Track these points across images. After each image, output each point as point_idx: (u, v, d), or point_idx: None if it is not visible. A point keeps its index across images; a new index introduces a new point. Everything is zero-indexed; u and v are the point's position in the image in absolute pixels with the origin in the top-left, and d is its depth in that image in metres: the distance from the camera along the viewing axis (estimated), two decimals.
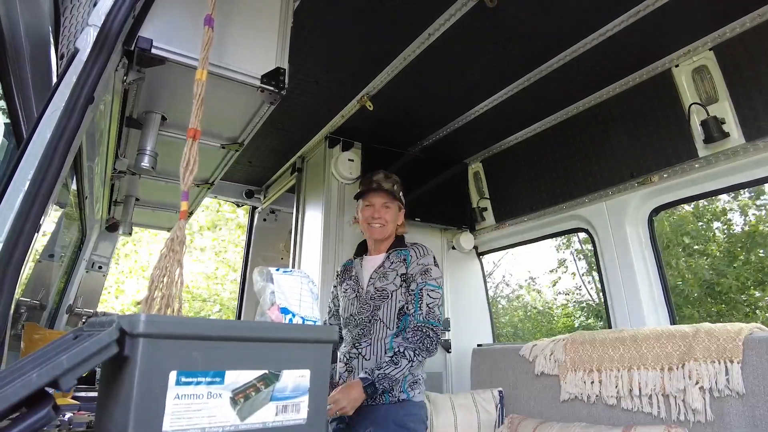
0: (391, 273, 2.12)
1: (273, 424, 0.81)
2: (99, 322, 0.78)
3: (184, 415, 0.71)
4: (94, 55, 1.26)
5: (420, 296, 2.03)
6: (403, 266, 2.12)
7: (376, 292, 2.11)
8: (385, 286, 2.10)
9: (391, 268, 2.14)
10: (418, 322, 1.99)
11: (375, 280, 2.14)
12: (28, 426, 0.56)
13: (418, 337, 1.95)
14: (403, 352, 1.92)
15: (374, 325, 2.07)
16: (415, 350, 1.93)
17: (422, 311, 2.00)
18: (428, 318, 1.99)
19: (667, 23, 2.09)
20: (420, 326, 1.97)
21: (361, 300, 2.14)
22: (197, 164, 1.20)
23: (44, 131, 1.15)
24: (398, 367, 1.90)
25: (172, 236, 1.10)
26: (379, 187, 2.19)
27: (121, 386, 0.70)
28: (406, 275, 2.10)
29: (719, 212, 8.88)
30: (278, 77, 1.70)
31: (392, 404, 1.96)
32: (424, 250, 2.17)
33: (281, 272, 1.02)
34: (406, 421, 1.94)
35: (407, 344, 1.94)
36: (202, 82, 1.29)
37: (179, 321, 0.74)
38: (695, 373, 1.84)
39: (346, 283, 2.26)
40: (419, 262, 2.11)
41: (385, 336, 2.05)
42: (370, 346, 2.05)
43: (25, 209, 1.05)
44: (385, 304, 2.08)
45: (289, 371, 0.84)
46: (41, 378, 0.59)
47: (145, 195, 2.97)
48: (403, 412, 1.95)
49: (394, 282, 2.10)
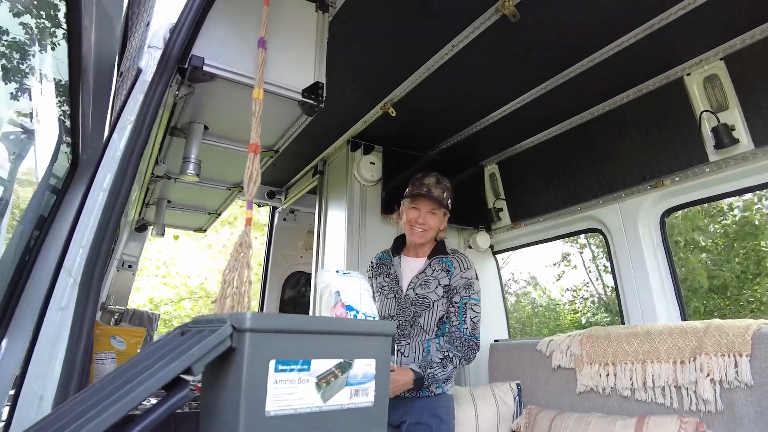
0: (432, 281, 2.18)
1: (348, 406, 0.94)
2: (204, 320, 0.91)
3: (281, 398, 0.85)
4: (158, 76, 1.39)
5: (464, 310, 2.13)
6: (446, 277, 2.18)
7: (417, 299, 2.17)
8: (427, 294, 2.17)
9: (432, 276, 2.19)
10: (464, 336, 2.10)
11: (415, 285, 2.20)
12: (176, 401, 0.69)
13: (464, 349, 2.08)
14: (452, 358, 2.05)
15: (414, 329, 2.16)
16: (461, 359, 2.07)
17: (467, 326, 2.11)
18: (473, 333, 2.12)
19: (680, 34, 2.20)
20: (466, 340, 2.09)
21: (400, 303, 2.21)
22: (260, 176, 1.33)
23: (115, 146, 1.28)
24: (445, 370, 2.03)
25: (240, 241, 1.24)
26: (429, 193, 2.19)
27: (229, 373, 0.83)
28: (449, 287, 2.17)
29: (725, 209, 8.97)
30: (317, 91, 1.84)
31: (429, 398, 2.09)
32: (467, 262, 2.22)
33: (341, 274, 1.15)
34: (440, 412, 2.07)
35: (456, 352, 2.07)
36: (260, 102, 1.42)
37: (276, 317, 0.87)
38: (706, 366, 1.97)
39: (383, 279, 2.31)
40: (463, 275, 2.17)
41: (423, 339, 2.15)
42: (409, 346, 2.15)
43: (105, 221, 1.17)
44: (426, 312, 2.16)
45: (359, 360, 0.97)
46: (180, 365, 0.73)
47: (177, 198, 3.12)
48: (437, 404, 2.08)
49: (436, 291, 2.16)
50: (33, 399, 0.99)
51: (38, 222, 1.56)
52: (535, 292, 12.90)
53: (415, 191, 2.22)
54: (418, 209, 2.22)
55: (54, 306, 1.06)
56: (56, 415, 0.71)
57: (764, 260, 8.19)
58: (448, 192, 2.26)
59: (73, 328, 1.07)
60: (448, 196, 2.26)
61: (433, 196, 2.18)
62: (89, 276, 1.13)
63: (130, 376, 0.75)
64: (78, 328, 1.07)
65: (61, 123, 1.89)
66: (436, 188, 2.21)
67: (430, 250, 2.28)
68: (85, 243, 1.16)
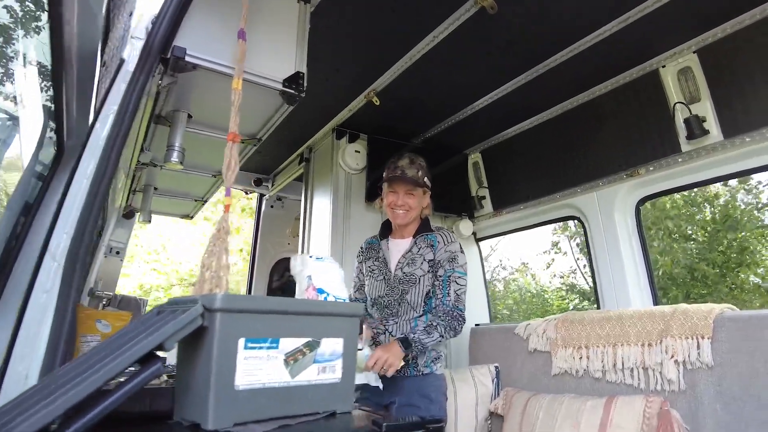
0: (418, 258, 2.23)
1: (315, 382, 1.01)
2: (179, 300, 0.97)
3: (250, 373, 0.91)
4: (140, 67, 1.43)
5: (448, 283, 2.16)
6: (431, 252, 2.22)
7: (405, 277, 2.22)
8: (413, 271, 2.22)
9: (419, 253, 2.24)
10: (447, 308, 2.13)
11: (403, 264, 2.25)
12: (148, 375, 0.75)
13: (448, 319, 2.10)
14: (436, 326, 2.07)
15: (402, 307, 2.22)
16: (446, 328, 2.09)
17: (450, 297, 2.14)
18: (456, 304, 2.15)
19: (656, 27, 2.25)
20: (449, 311, 2.12)
21: (390, 283, 2.26)
22: (238, 165, 1.38)
23: (98, 135, 1.32)
24: (430, 336, 2.06)
25: (218, 227, 1.29)
26: (403, 175, 2.22)
27: (201, 350, 0.89)
28: (434, 261, 2.21)
29: (711, 197, 9.12)
30: (298, 81, 1.87)
31: (417, 377, 2.14)
32: (450, 236, 2.25)
33: (315, 259, 1.21)
34: (429, 392, 2.12)
35: (439, 321, 2.09)
36: (239, 92, 1.46)
37: (246, 298, 0.93)
38: (671, 348, 2.06)
39: (372, 263, 2.37)
40: (447, 249, 2.21)
41: (410, 318, 2.20)
42: (396, 324, 2.21)
43: (88, 207, 1.21)
44: (412, 289, 2.21)
45: (327, 339, 1.04)
46: (152, 342, 0.79)
47: (163, 184, 3.15)
48: (426, 384, 2.14)
49: (421, 267, 2.21)
50: (19, 378, 1.03)
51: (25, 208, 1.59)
52: (522, 279, 13.06)
53: (390, 174, 2.26)
54: (396, 192, 2.25)
55: (39, 289, 1.11)
56: (36, 389, 0.77)
57: (746, 251, 8.36)
58: (422, 170, 2.27)
59: (57, 310, 1.11)
60: (423, 174, 2.27)
61: (408, 176, 2.22)
62: (73, 260, 1.17)
63: (107, 352, 0.81)
64: (62, 310, 1.12)
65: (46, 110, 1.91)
66: (410, 168, 2.24)
67: (415, 229, 2.31)
68: (69, 229, 1.20)
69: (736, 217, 8.35)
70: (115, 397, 0.70)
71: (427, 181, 2.29)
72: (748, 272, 8.38)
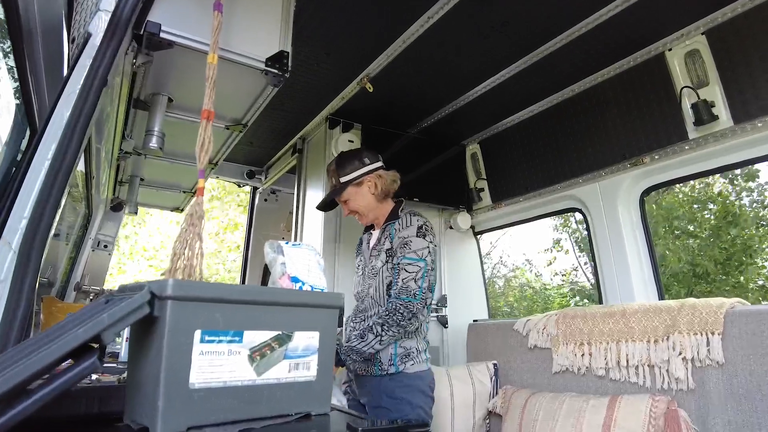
0: (381, 249, 2.10)
1: (286, 380, 0.90)
2: (129, 287, 0.86)
3: (207, 370, 0.80)
4: (107, 40, 1.32)
5: (398, 272, 1.98)
6: (389, 241, 2.09)
7: (371, 271, 2.11)
8: (374, 264, 2.09)
9: (382, 244, 2.11)
10: (390, 304, 1.96)
11: (373, 258, 2.13)
12: (79, 371, 0.64)
13: (387, 313, 1.93)
14: (371, 326, 1.94)
15: (367, 302, 2.10)
16: (383, 325, 1.92)
17: (398, 288, 1.96)
18: (399, 294, 1.94)
19: (662, 7, 2.14)
20: (392, 302, 1.95)
21: (365, 277, 2.16)
22: (212, 144, 1.27)
23: (61, 114, 1.21)
24: (365, 340, 1.93)
25: (191, 212, 1.18)
26: (330, 192, 2.22)
27: (152, 344, 0.78)
28: (391, 249, 2.06)
29: (714, 195, 9.00)
30: (282, 60, 1.76)
31: (383, 377, 1.98)
32: (409, 220, 2.07)
33: (290, 245, 1.10)
34: (398, 392, 1.94)
35: (376, 319, 1.96)
36: (214, 66, 1.35)
37: (202, 285, 0.82)
38: (679, 344, 1.95)
39: (359, 258, 2.29)
40: (400, 234, 2.04)
41: (374, 313, 2.06)
42: (363, 322, 2.08)
43: (46, 191, 1.11)
44: (375, 281, 2.08)
45: (301, 333, 0.93)
46: (87, 332, 0.67)
47: (150, 175, 3.04)
48: (393, 384, 1.96)
49: (380, 258, 2.08)
50: None
51: None
52: (522, 277, 12.95)
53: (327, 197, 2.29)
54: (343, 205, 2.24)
55: None
56: None
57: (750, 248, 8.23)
58: (337, 171, 2.16)
59: (9, 300, 1.01)
60: (339, 173, 2.15)
61: (330, 194, 2.22)
62: (29, 247, 1.07)
63: (35, 347, 0.70)
64: (14, 301, 1.02)
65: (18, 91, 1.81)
66: (329, 182, 2.22)
67: (385, 217, 2.20)
68: (27, 214, 1.10)
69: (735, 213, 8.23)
70: (32, 400, 0.59)
71: (347, 177, 2.14)
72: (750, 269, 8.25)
